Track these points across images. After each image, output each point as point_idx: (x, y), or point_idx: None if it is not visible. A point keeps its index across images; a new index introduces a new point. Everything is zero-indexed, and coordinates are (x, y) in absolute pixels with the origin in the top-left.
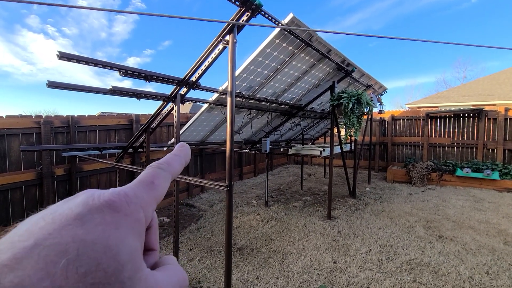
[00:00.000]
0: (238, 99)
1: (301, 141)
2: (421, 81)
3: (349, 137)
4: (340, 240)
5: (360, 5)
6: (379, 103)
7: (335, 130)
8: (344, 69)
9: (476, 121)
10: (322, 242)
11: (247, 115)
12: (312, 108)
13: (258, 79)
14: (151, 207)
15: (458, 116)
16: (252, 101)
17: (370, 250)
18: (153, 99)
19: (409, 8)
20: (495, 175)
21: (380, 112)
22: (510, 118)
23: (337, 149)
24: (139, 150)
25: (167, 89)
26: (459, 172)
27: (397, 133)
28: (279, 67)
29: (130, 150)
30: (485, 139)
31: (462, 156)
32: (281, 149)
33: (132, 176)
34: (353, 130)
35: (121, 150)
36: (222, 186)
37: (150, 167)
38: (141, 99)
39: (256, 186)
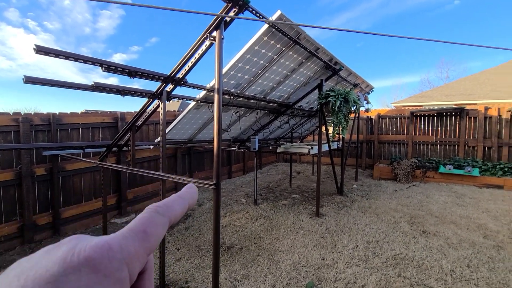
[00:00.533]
0: (226, 96)
1: (290, 139)
2: (406, 80)
3: (336, 135)
4: (328, 237)
5: (348, 4)
6: (366, 101)
7: (323, 128)
8: (332, 68)
9: (458, 119)
10: (310, 239)
11: (235, 113)
12: (300, 106)
13: (246, 77)
14: (139, 261)
15: (441, 114)
16: (241, 98)
17: (357, 246)
18: (138, 96)
19: (395, 9)
20: (475, 172)
21: (367, 110)
22: (489, 117)
23: (325, 147)
24: (124, 148)
25: (154, 87)
26: (442, 169)
27: (383, 131)
28: (267, 64)
29: (115, 149)
30: (466, 137)
31: (445, 153)
32: (270, 147)
33: (117, 175)
34: (340, 128)
35: (105, 148)
36: (209, 184)
37: (147, 210)
38: (125, 96)
39: (245, 184)
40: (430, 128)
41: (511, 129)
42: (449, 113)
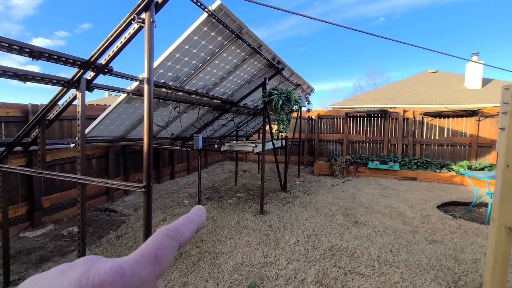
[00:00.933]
0: (164, 90)
1: (235, 138)
2: (342, 85)
3: (280, 134)
4: (271, 234)
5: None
6: (307, 102)
7: (267, 126)
8: (275, 67)
9: (383, 120)
10: (254, 237)
11: (175, 109)
12: (245, 104)
13: (186, 69)
14: (150, 286)
15: (369, 116)
16: (180, 93)
17: (298, 241)
18: (47, 83)
19: (333, 19)
20: (396, 166)
21: (308, 110)
22: (406, 119)
23: (269, 145)
24: (34, 147)
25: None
26: (370, 165)
27: (322, 130)
28: (208, 58)
29: (19, 148)
30: (389, 136)
31: (373, 150)
32: (215, 146)
33: (29, 180)
34: (283, 126)
35: (4, 148)
36: (138, 187)
37: (158, 233)
38: (27, 82)
39: (189, 184)
40: (361, 128)
41: (423, 130)
42: (376, 115)
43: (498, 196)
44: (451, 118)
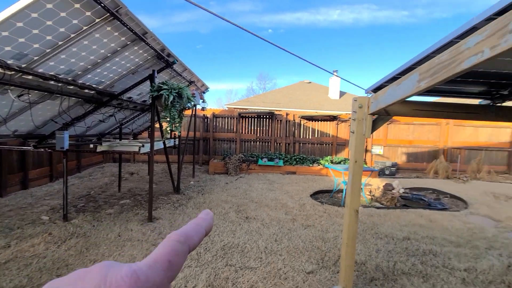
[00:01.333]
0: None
1: (119, 136)
2: (238, 86)
3: (172, 132)
4: (159, 243)
5: (188, 5)
6: (202, 100)
7: (157, 124)
8: (164, 59)
9: (270, 122)
10: (140, 250)
11: (19, 97)
12: (130, 98)
13: (36, 46)
14: None
15: (260, 117)
16: (30, 76)
17: None
18: None
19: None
20: (281, 163)
21: (203, 109)
22: (289, 121)
23: (160, 145)
24: None
25: None
26: (260, 162)
27: (217, 129)
28: (73, 35)
29: None
30: (276, 136)
31: (262, 148)
32: (90, 146)
33: None
34: (174, 124)
35: None
36: None
37: (168, 239)
38: None
39: (52, 194)
40: (252, 128)
41: (300, 130)
42: (265, 116)
43: (350, 185)
44: (320, 121)
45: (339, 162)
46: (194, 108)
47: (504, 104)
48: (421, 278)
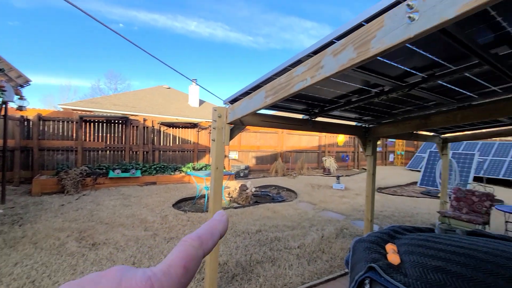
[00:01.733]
0: None
1: None
2: (77, 83)
3: None
4: None
5: None
6: (18, 96)
7: None
8: None
9: (124, 127)
10: None
11: None
12: None
13: None
14: None
15: (110, 122)
16: None
17: None
18: None
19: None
20: (138, 173)
21: (21, 108)
22: (147, 127)
23: None
24: None
25: None
26: (111, 174)
27: (46, 136)
28: None
29: None
30: (131, 143)
31: (114, 158)
32: None
33: None
34: None
35: None
36: None
37: (183, 243)
38: None
39: None
40: (100, 134)
41: (160, 138)
42: (117, 121)
43: (212, 191)
44: (181, 128)
45: (201, 168)
46: (4, 106)
47: (316, 119)
48: (270, 263)
